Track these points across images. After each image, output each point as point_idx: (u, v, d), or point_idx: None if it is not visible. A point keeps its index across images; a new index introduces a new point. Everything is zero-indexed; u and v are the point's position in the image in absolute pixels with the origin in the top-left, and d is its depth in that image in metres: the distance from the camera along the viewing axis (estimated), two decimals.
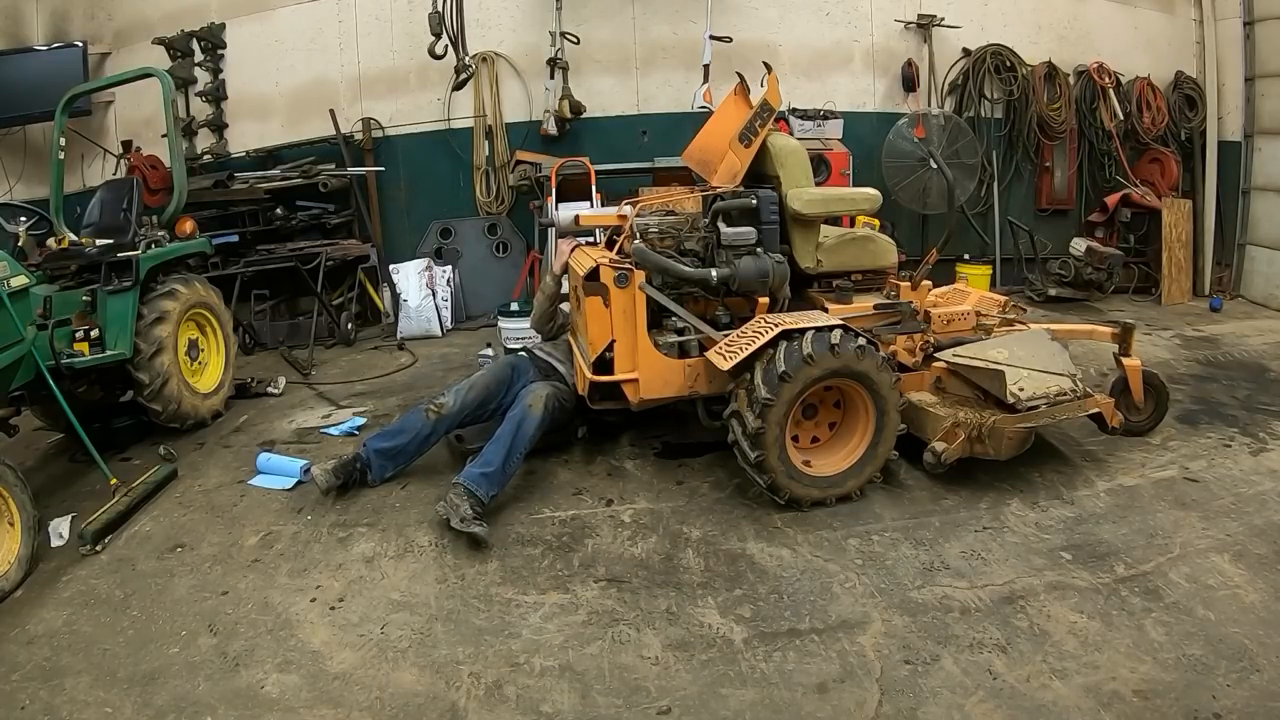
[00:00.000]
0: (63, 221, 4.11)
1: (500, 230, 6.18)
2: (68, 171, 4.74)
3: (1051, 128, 6.19)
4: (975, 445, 2.95)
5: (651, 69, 6.11)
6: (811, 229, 3.29)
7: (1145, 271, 6.27)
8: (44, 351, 3.17)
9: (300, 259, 5.30)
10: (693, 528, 2.83)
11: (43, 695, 2.08)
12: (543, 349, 3.60)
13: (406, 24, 5.91)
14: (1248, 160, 6.20)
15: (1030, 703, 1.91)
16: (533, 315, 3.69)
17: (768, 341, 2.76)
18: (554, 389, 3.21)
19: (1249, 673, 1.98)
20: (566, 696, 2.01)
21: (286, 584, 2.56)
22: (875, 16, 6.20)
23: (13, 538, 2.62)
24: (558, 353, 3.55)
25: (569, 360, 3.50)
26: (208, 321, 4.17)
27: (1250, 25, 6.07)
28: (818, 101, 6.04)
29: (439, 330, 5.71)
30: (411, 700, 2.02)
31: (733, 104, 3.37)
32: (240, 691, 2.07)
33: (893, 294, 3.44)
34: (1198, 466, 3.15)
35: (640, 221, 3.22)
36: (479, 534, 2.68)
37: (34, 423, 3.82)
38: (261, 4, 6.07)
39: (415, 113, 6.10)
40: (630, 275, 2.99)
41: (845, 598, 2.39)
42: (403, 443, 3.16)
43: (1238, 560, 2.47)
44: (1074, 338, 3.60)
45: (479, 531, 2.68)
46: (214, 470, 3.47)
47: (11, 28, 6.16)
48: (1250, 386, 4.08)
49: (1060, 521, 2.76)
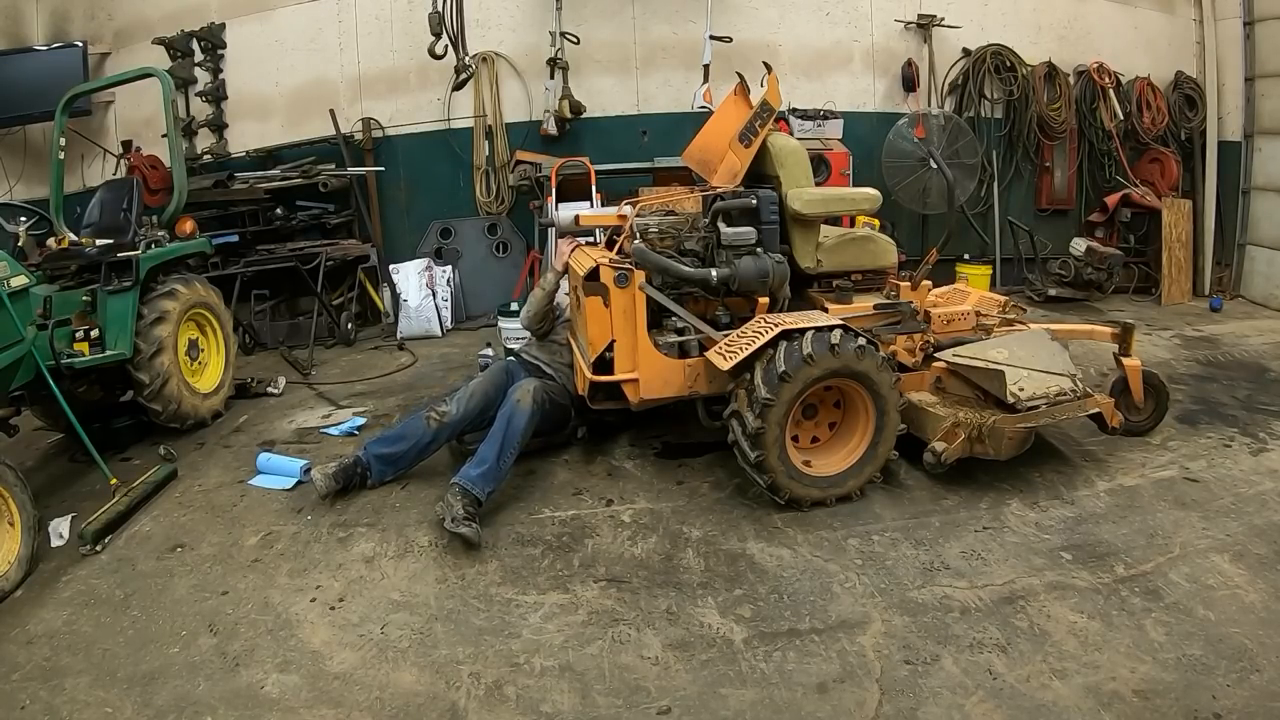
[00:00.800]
0: (63, 221, 4.11)
1: (500, 230, 6.18)
2: (68, 171, 4.74)
3: (1051, 128, 6.19)
4: (975, 445, 2.95)
5: (651, 69, 6.11)
6: (811, 229, 3.29)
7: (1145, 271, 6.27)
8: (44, 351, 3.17)
9: (300, 259, 5.30)
10: (693, 528, 2.83)
11: (43, 695, 2.08)
12: (528, 352, 3.62)
13: (406, 24, 5.92)
14: (1248, 160, 6.20)
15: (1030, 703, 1.91)
16: (525, 311, 3.64)
17: (768, 341, 2.76)
18: (542, 383, 3.22)
19: (1249, 673, 1.98)
20: (566, 696, 2.01)
21: (286, 584, 2.56)
22: (875, 16, 6.20)
23: (13, 538, 2.62)
24: (544, 355, 3.56)
25: (555, 362, 3.52)
26: (208, 321, 4.17)
27: (1250, 25, 6.07)
28: (818, 101, 6.04)
29: (439, 330, 5.71)
30: (411, 700, 2.02)
31: (733, 104, 3.37)
32: (240, 691, 2.07)
33: (893, 294, 3.44)
34: (1198, 466, 3.15)
35: (640, 221, 3.22)
36: (468, 535, 2.68)
37: (34, 423, 3.82)
38: (261, 4, 6.07)
39: (415, 113, 6.10)
40: (630, 275, 2.99)
41: (845, 598, 2.39)
42: (403, 449, 3.17)
43: (1238, 560, 2.47)
44: (1074, 338, 3.60)
45: (467, 533, 2.68)
46: (214, 470, 3.47)
47: (11, 28, 6.16)
48: (1250, 386, 4.08)
49: (1060, 521, 2.76)
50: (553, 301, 3.58)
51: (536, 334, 3.68)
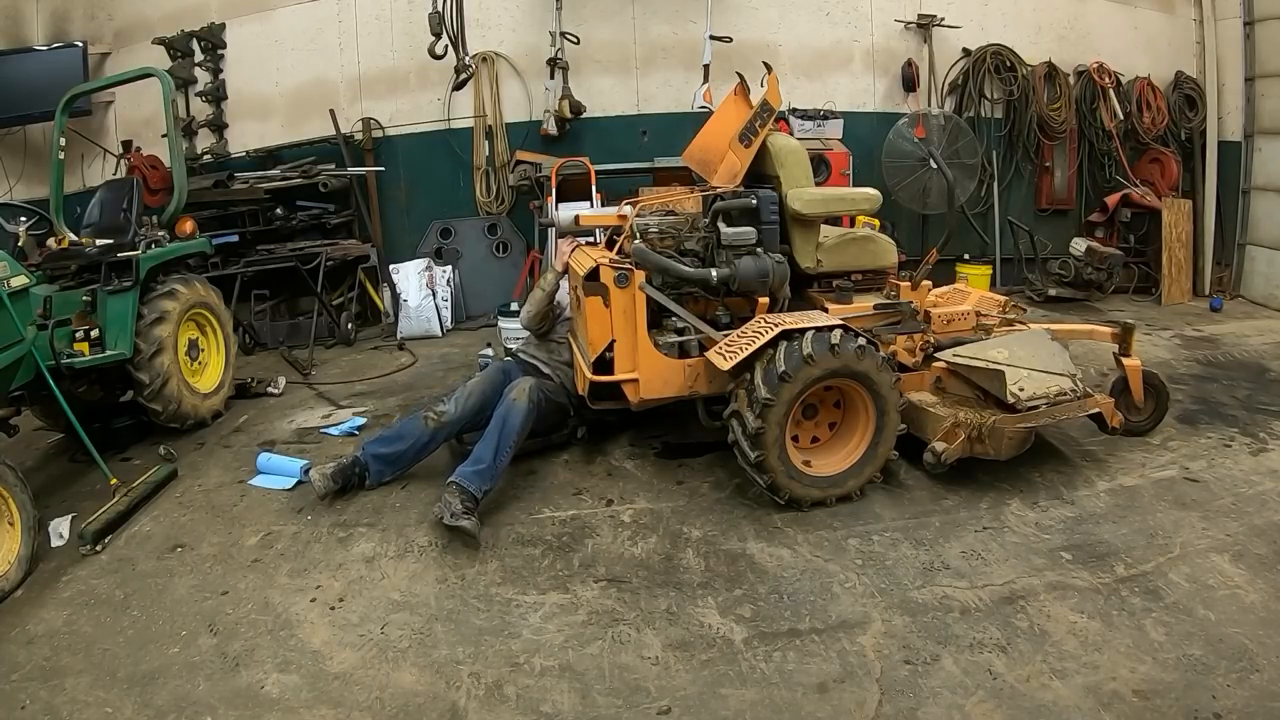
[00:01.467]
0: (63, 221, 4.11)
1: (500, 230, 6.18)
2: (68, 171, 4.74)
3: (1051, 128, 6.19)
4: (975, 445, 2.95)
5: (651, 69, 6.11)
6: (811, 229, 3.29)
7: (1145, 271, 6.27)
8: (44, 351, 3.17)
9: (300, 259, 5.30)
10: (693, 528, 2.83)
11: (43, 695, 2.08)
12: (525, 351, 3.62)
13: (406, 24, 5.91)
14: (1248, 160, 6.20)
15: (1030, 703, 1.91)
16: (526, 310, 3.62)
17: (768, 341, 2.76)
18: (538, 382, 3.22)
19: (1249, 673, 1.98)
20: (566, 696, 2.01)
21: (286, 584, 2.56)
22: (875, 16, 6.20)
23: (13, 538, 2.62)
24: (541, 353, 3.56)
25: (552, 360, 3.52)
26: (208, 321, 4.17)
27: (1250, 25, 6.07)
28: (818, 101, 6.04)
29: (439, 330, 5.71)
30: (411, 700, 2.02)
31: (733, 104, 3.37)
32: (240, 691, 2.07)
33: (893, 294, 3.44)
34: (1198, 466, 3.15)
35: (640, 221, 3.22)
36: (467, 527, 2.67)
37: (34, 423, 3.82)
38: (261, 4, 6.07)
39: (415, 113, 6.10)
40: (630, 275, 2.99)
41: (845, 598, 2.39)
42: (401, 449, 3.16)
43: (1238, 560, 2.47)
44: (1074, 338, 3.59)
45: (467, 525, 2.67)
46: (214, 470, 3.47)
47: (11, 28, 6.16)
48: (1250, 386, 4.08)
49: (1060, 521, 2.76)
50: (553, 301, 3.58)
51: (536, 333, 3.68)
